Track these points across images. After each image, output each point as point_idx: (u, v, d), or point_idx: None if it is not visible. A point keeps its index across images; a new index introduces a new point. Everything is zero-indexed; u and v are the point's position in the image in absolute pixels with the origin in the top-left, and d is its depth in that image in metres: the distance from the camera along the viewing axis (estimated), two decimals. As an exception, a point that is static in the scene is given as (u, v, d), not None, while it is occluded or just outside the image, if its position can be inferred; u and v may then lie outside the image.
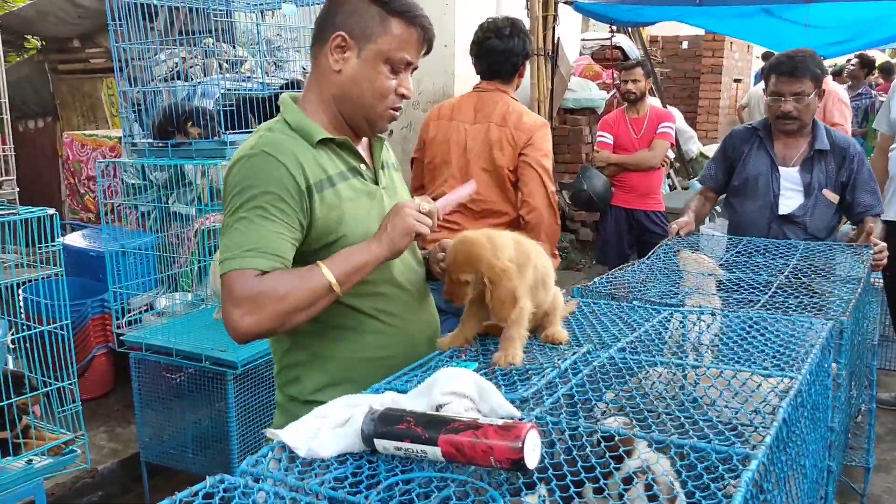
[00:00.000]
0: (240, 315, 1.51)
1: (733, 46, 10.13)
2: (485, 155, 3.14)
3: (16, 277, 2.64)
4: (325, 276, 1.56)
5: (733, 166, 3.26)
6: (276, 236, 1.56)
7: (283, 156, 1.59)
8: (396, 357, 1.72)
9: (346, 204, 1.66)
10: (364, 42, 1.63)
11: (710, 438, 1.20)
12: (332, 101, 1.70)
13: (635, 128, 5.14)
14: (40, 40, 7.27)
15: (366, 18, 1.62)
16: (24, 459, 2.47)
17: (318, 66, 1.70)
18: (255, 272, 1.52)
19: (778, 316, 1.83)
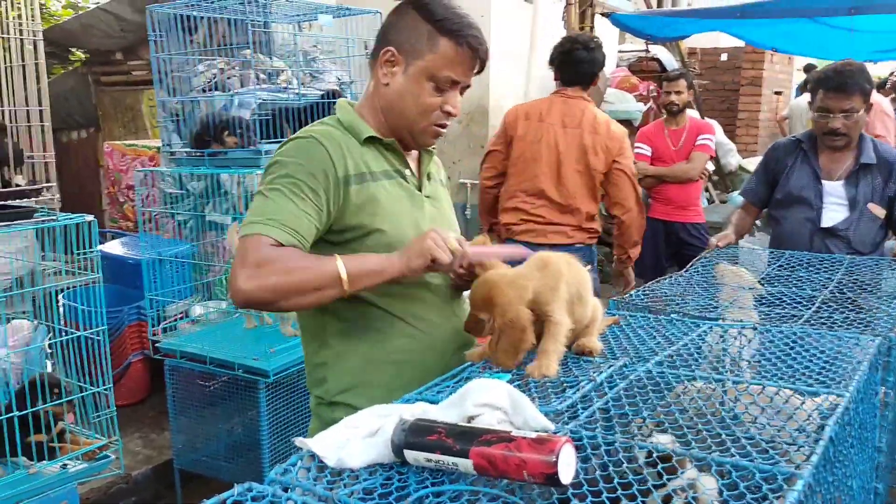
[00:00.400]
0: (244, 277, 1.51)
1: (774, 58, 9.97)
2: (579, 158, 3.59)
3: (54, 283, 2.67)
4: (337, 267, 1.56)
5: (776, 179, 3.19)
6: (302, 214, 1.58)
7: (329, 143, 1.64)
8: (423, 363, 1.71)
9: (384, 199, 1.68)
10: (411, 58, 1.67)
11: (753, 456, 1.16)
12: (380, 112, 1.74)
13: (674, 139, 5.06)
14: (84, 53, 7.43)
15: (415, 36, 1.66)
16: (59, 464, 2.49)
17: (373, 76, 1.75)
18: (273, 241, 1.53)
19: (823, 331, 1.77)
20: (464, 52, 1.66)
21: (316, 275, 1.55)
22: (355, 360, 1.71)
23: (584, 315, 1.65)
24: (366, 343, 1.71)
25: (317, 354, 1.76)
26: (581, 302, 1.63)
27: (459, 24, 1.66)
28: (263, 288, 1.51)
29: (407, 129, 1.73)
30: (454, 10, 1.67)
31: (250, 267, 1.51)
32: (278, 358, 3.15)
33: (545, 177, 3.61)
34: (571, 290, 1.61)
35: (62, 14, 9.01)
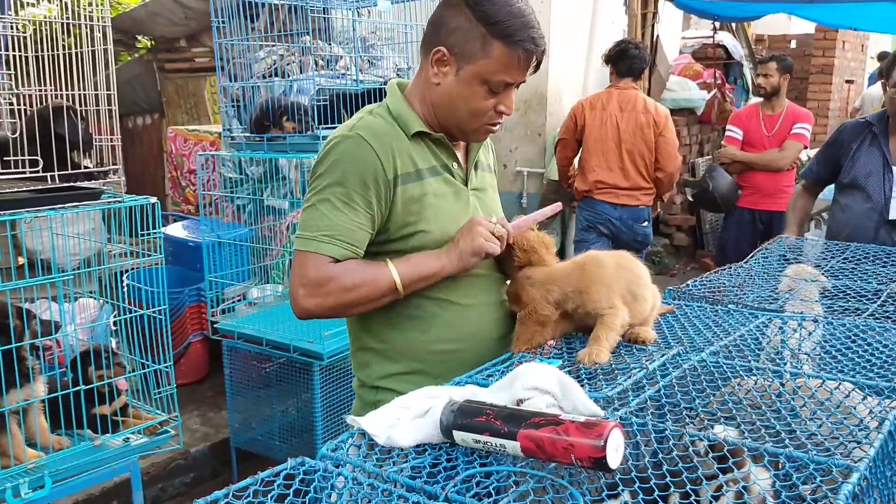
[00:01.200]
0: (304, 295, 1.58)
1: (846, 45, 9.63)
2: (636, 132, 4.48)
3: (119, 263, 2.76)
4: (392, 277, 1.61)
5: (839, 161, 3.06)
6: (355, 226, 1.60)
7: (376, 143, 1.62)
8: (466, 350, 1.71)
9: (429, 199, 1.66)
10: (463, 62, 1.60)
11: (809, 448, 1.13)
12: (430, 105, 1.70)
13: (768, 125, 4.92)
14: (150, 40, 7.61)
15: (468, 38, 1.59)
16: (122, 437, 2.58)
17: (423, 69, 1.70)
18: (329, 259, 1.58)
19: (888, 325, 1.72)
20: (519, 55, 1.58)
21: (372, 289, 1.61)
22: (398, 347, 1.72)
23: (641, 311, 1.64)
24: (408, 331, 1.71)
25: (360, 339, 1.78)
26: (636, 299, 1.62)
27: (516, 26, 1.57)
28: (323, 306, 1.60)
29: (457, 128, 1.70)
30: (510, 10, 1.57)
31: (310, 286, 1.58)
32: (332, 341, 3.19)
33: (613, 153, 4.53)
34: (621, 287, 1.60)
35: (129, 2, 9.23)
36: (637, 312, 1.63)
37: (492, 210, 1.83)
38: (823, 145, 3.22)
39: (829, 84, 9.73)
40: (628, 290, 1.61)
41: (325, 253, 1.57)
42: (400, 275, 1.61)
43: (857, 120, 3.19)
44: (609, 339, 1.55)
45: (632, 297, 1.62)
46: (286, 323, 3.30)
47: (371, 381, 1.74)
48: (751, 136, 4.94)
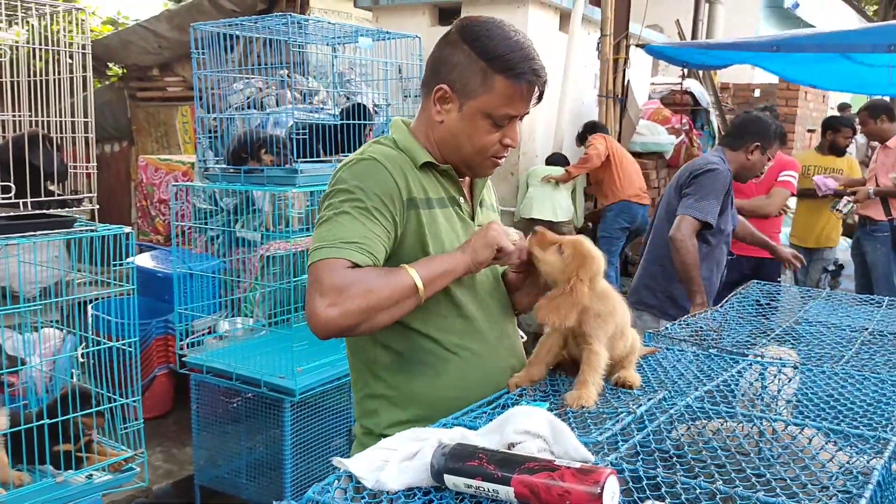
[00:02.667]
0: (324, 306, 1.45)
1: (808, 96, 9.91)
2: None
3: (90, 293, 2.69)
4: (412, 277, 1.53)
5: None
6: (374, 236, 1.53)
7: (391, 165, 1.60)
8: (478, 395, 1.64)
9: (437, 228, 1.64)
10: (465, 98, 1.60)
11: (800, 498, 1.13)
12: (436, 144, 1.69)
13: None
14: (122, 68, 7.57)
15: (468, 74, 1.58)
16: (85, 474, 2.49)
17: (425, 109, 1.70)
18: (348, 263, 1.49)
19: (866, 374, 1.74)
20: (521, 87, 1.58)
21: (393, 290, 1.51)
22: (407, 394, 1.66)
23: (623, 349, 1.65)
24: (418, 377, 1.65)
25: (367, 386, 1.71)
26: (622, 336, 1.64)
27: (516, 59, 1.57)
28: (347, 313, 1.46)
29: (464, 164, 1.69)
30: (508, 43, 1.57)
31: (328, 294, 1.46)
32: (305, 377, 3.14)
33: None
34: (618, 326, 1.62)
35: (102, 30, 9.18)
36: (622, 350, 1.64)
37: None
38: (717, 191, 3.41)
39: (793, 133, 9.97)
40: (620, 328, 1.63)
41: (343, 257, 1.48)
42: (419, 274, 1.54)
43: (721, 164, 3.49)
44: (596, 383, 1.54)
45: (620, 335, 1.64)
46: (257, 357, 3.24)
47: (380, 429, 1.66)
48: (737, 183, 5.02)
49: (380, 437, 1.62)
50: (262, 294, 3.73)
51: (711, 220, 3.37)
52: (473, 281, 1.71)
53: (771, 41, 5.99)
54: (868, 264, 5.52)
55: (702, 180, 3.43)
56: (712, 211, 3.37)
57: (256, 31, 3.46)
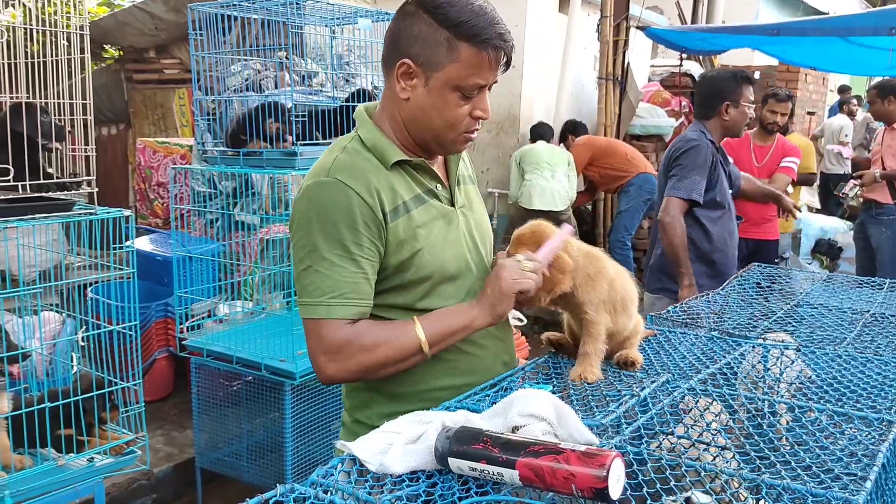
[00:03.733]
0: (325, 361, 1.51)
1: (808, 78, 9.88)
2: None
3: (90, 276, 2.69)
4: (418, 336, 1.53)
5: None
6: (359, 278, 1.51)
7: (357, 184, 1.51)
8: (471, 386, 1.63)
9: (420, 231, 1.58)
10: (431, 70, 1.50)
11: (806, 480, 1.13)
12: (401, 124, 1.60)
13: (758, 156, 5.07)
14: (118, 50, 7.51)
15: (432, 45, 1.49)
16: (87, 457, 2.50)
17: (388, 87, 1.60)
18: (344, 321, 1.50)
19: (869, 356, 1.74)
20: (489, 54, 1.49)
21: (397, 349, 1.52)
22: (402, 386, 1.63)
23: (625, 326, 1.64)
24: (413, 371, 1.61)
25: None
26: (626, 313, 1.63)
27: (480, 24, 1.47)
28: (346, 370, 1.52)
29: (435, 142, 1.60)
30: (471, 8, 1.48)
31: (329, 352, 1.51)
32: (305, 360, 3.12)
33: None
34: (615, 295, 1.61)
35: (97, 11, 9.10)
36: (623, 327, 1.64)
37: (480, 224, 1.75)
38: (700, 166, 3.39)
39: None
40: (622, 301, 1.62)
41: (336, 317, 1.49)
42: (426, 332, 1.52)
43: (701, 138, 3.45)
44: (597, 352, 1.57)
45: (623, 309, 1.63)
46: (257, 340, 3.24)
47: (371, 421, 1.62)
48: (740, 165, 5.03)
49: (371, 428, 1.61)
50: (261, 277, 3.72)
51: (697, 197, 3.38)
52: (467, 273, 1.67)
53: (772, 25, 5.96)
54: (872, 248, 5.51)
55: (681, 159, 3.45)
56: (697, 188, 3.38)
57: (254, 12, 3.43)
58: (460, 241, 1.66)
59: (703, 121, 3.59)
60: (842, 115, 10.43)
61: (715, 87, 3.59)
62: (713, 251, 3.48)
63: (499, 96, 6.61)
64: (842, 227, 7.99)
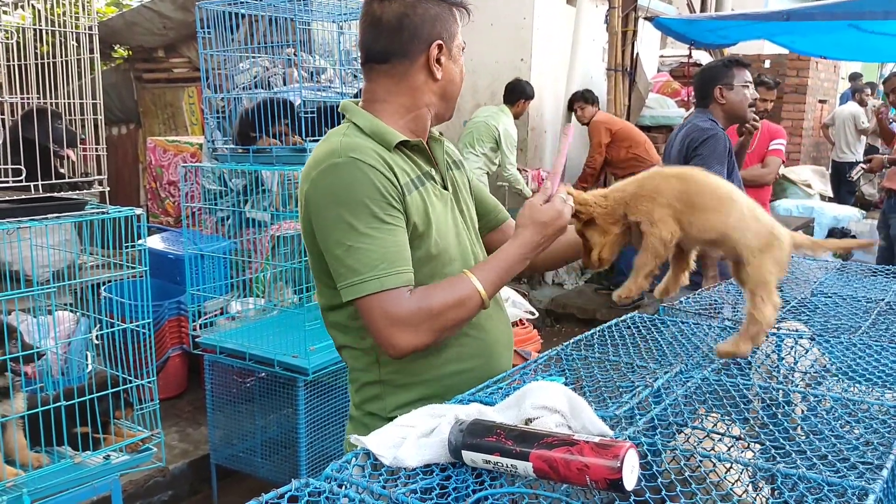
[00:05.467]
0: (397, 333, 1.51)
1: (819, 66, 9.81)
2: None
3: (103, 275, 2.70)
4: (477, 288, 1.56)
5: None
6: (402, 245, 1.53)
7: (371, 158, 1.54)
8: (476, 369, 1.67)
9: (426, 206, 1.61)
10: (451, 42, 1.65)
11: (821, 469, 1.13)
12: (416, 109, 1.65)
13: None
14: (127, 50, 7.54)
15: (445, 18, 1.63)
16: (103, 455, 2.51)
17: (403, 81, 1.63)
18: (403, 290, 1.51)
19: (885, 345, 1.72)
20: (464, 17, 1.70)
21: (463, 308, 1.55)
22: (411, 375, 1.64)
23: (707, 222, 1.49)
24: (422, 359, 1.63)
25: (369, 372, 1.68)
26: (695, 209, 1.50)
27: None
28: (419, 338, 1.52)
29: (452, 107, 1.73)
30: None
31: (398, 323, 1.50)
32: (318, 356, 3.15)
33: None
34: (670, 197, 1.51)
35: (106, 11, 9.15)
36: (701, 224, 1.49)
37: (469, 209, 1.79)
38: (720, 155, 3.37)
39: (803, 104, 9.89)
40: (684, 201, 1.50)
41: (392, 286, 1.50)
42: (483, 284, 1.56)
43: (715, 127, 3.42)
44: (646, 266, 1.51)
45: (688, 208, 1.50)
46: (269, 337, 3.25)
47: (385, 412, 1.65)
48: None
49: (386, 420, 1.60)
50: (272, 274, 3.74)
51: None
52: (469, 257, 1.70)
53: (782, 11, 5.92)
54: (892, 237, 5.50)
55: (701, 149, 3.42)
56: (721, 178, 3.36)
57: (261, 9, 3.43)
58: (458, 224, 1.70)
59: (707, 111, 3.58)
60: (853, 103, 10.35)
61: (707, 75, 3.61)
62: None
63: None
64: (855, 215, 7.94)
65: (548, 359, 1.69)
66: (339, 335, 1.72)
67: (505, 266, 1.60)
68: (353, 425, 1.74)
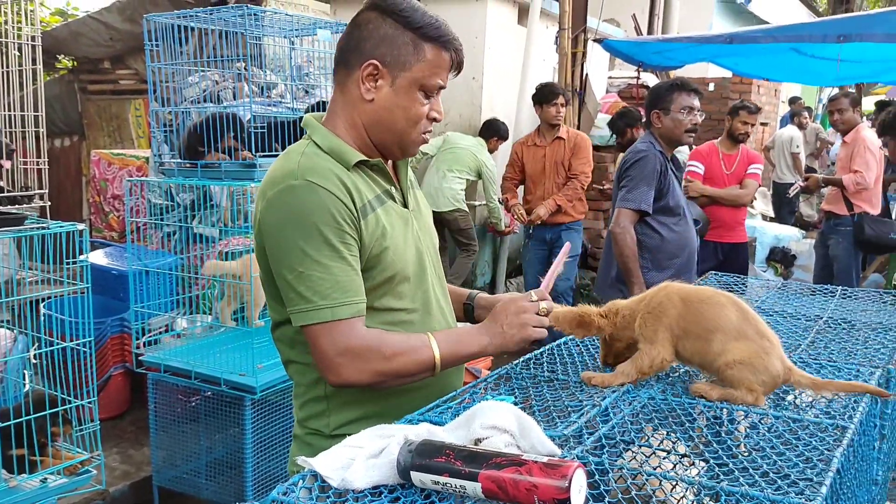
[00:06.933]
0: (342, 363, 1.51)
1: (760, 89, 10.10)
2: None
3: (42, 292, 2.62)
4: (433, 353, 1.56)
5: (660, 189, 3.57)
6: (354, 275, 1.52)
7: (328, 183, 1.52)
8: (425, 387, 1.65)
9: (384, 228, 1.60)
10: (398, 71, 1.57)
11: (763, 487, 1.15)
12: (361, 127, 1.63)
13: (727, 163, 5.34)
14: (72, 60, 7.37)
15: (398, 45, 1.56)
16: (40, 478, 2.43)
17: (345, 92, 1.63)
18: (357, 319, 1.51)
19: (822, 362, 1.77)
20: (448, 55, 1.60)
21: (413, 363, 1.55)
22: (360, 394, 1.62)
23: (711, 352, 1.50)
24: None
25: (315, 388, 1.66)
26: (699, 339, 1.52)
27: (440, 28, 1.58)
28: (364, 374, 1.52)
29: (396, 143, 1.64)
30: (427, 13, 1.58)
31: (346, 354, 1.50)
32: (266, 374, 3.10)
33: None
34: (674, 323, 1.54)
35: (50, 21, 8.94)
36: (707, 352, 1.50)
37: (430, 231, 1.80)
38: (648, 176, 3.46)
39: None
40: (682, 327, 1.53)
41: (343, 317, 1.49)
42: (440, 352, 1.56)
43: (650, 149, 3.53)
44: (624, 373, 1.55)
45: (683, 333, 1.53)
46: (216, 355, 3.19)
47: (329, 430, 1.63)
48: (711, 173, 5.36)
49: (329, 437, 1.62)
50: (220, 291, 3.67)
51: (646, 207, 3.47)
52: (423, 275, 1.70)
53: (725, 34, 6.10)
54: (830, 257, 5.71)
55: (630, 171, 3.55)
56: (645, 198, 3.47)
57: (211, 23, 3.39)
58: (417, 242, 1.70)
59: (649, 130, 3.68)
60: (792, 126, 10.68)
61: (649, 98, 3.75)
62: (670, 258, 3.55)
63: (459, 106, 6.64)
64: (795, 235, 8.17)
65: (497, 377, 1.69)
66: (286, 349, 1.70)
67: (465, 353, 1.62)
68: (297, 445, 1.72)
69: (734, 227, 5.31)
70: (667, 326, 1.54)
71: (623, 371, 1.56)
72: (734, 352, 1.47)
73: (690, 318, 1.53)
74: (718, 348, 1.49)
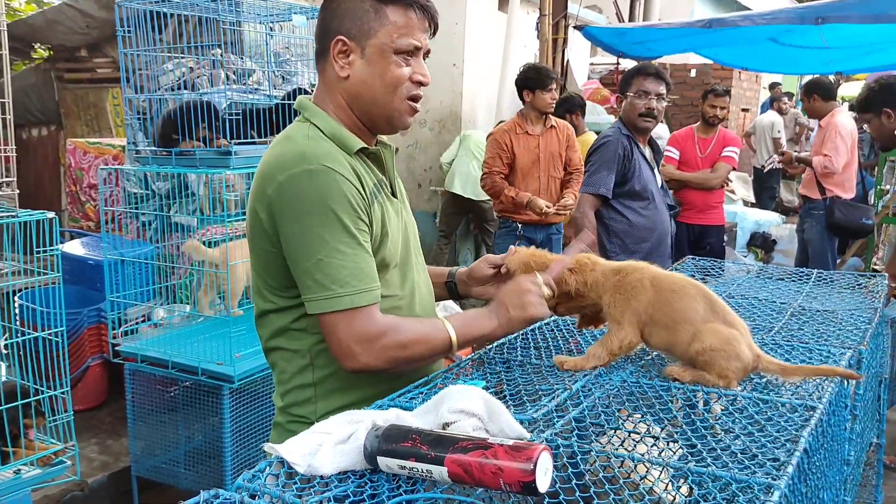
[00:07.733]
0: (359, 350, 1.50)
1: (741, 76, 10.14)
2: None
3: (11, 283, 2.59)
4: (450, 337, 1.57)
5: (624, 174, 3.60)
6: (370, 262, 1.53)
7: (343, 168, 1.51)
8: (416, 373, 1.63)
9: (385, 219, 1.60)
10: (364, 40, 1.54)
11: (730, 466, 1.15)
12: (347, 108, 1.61)
13: (702, 147, 5.38)
14: (48, 49, 7.27)
15: (360, 15, 1.54)
16: (13, 469, 2.40)
17: (325, 78, 1.62)
18: (374, 306, 1.51)
19: (794, 344, 1.78)
20: (414, 14, 1.55)
21: (429, 348, 1.56)
22: (346, 380, 1.61)
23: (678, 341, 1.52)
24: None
25: (303, 374, 1.64)
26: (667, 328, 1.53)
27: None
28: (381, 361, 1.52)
29: (382, 115, 1.60)
30: None
31: (364, 342, 1.50)
32: (244, 363, 3.08)
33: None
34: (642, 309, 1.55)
35: (26, 9, 8.82)
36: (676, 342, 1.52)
37: (412, 217, 1.80)
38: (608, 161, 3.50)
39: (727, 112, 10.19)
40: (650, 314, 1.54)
41: (362, 304, 1.49)
42: (456, 334, 1.57)
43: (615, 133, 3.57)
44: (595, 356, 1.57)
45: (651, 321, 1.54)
46: (193, 345, 3.17)
47: (315, 416, 1.60)
48: (686, 157, 5.40)
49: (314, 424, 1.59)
50: (198, 280, 3.64)
51: (605, 192, 3.51)
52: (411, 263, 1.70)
53: (704, 20, 6.11)
54: (805, 241, 5.76)
55: (592, 156, 3.61)
56: (605, 182, 3.50)
57: (187, 9, 3.34)
58: (406, 231, 1.70)
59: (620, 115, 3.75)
60: (772, 112, 10.72)
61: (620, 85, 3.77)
62: (637, 242, 3.56)
63: (440, 94, 6.61)
64: (776, 220, 8.22)
65: (470, 362, 1.69)
66: (272, 337, 1.67)
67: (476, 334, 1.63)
68: (278, 432, 1.69)
69: (705, 210, 5.33)
70: (634, 311, 1.55)
71: (594, 354, 1.56)
72: (704, 340, 1.48)
73: (658, 306, 1.54)
74: (686, 338, 1.50)
